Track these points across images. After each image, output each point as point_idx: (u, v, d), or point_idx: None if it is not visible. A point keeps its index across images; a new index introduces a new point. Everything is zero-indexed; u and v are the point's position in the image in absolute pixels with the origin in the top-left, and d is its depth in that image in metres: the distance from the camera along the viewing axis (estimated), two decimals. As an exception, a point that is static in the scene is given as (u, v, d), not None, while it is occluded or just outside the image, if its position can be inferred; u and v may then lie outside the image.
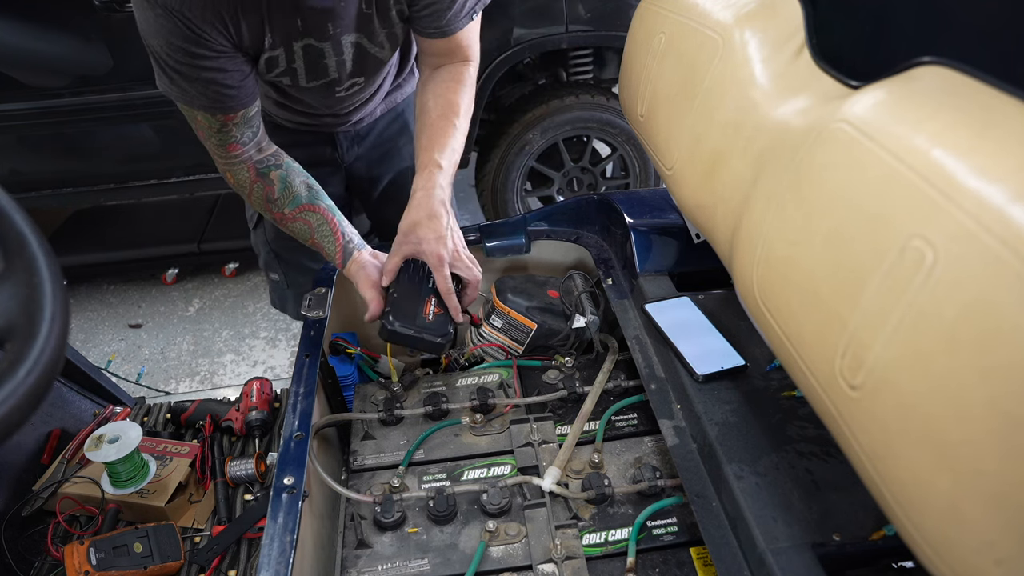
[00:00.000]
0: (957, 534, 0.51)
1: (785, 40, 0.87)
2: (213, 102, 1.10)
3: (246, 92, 1.13)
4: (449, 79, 1.28)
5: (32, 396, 0.57)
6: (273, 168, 1.21)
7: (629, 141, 2.74)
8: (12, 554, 1.15)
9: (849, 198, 0.64)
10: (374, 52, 1.24)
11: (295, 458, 0.99)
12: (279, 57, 1.15)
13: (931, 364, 0.52)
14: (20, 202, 0.63)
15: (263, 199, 1.22)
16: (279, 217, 1.23)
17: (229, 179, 1.22)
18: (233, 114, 1.13)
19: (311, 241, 1.24)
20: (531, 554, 0.96)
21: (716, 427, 0.93)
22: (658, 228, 1.30)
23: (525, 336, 1.29)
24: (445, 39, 1.24)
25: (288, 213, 1.22)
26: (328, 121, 1.46)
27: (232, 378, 2.62)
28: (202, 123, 1.14)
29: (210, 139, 1.16)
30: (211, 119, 1.13)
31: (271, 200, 1.22)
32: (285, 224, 1.24)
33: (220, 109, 1.11)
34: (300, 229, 1.24)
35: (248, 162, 1.19)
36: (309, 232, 1.24)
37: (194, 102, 1.10)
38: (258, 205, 1.24)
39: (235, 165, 1.19)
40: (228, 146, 1.17)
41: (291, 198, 1.22)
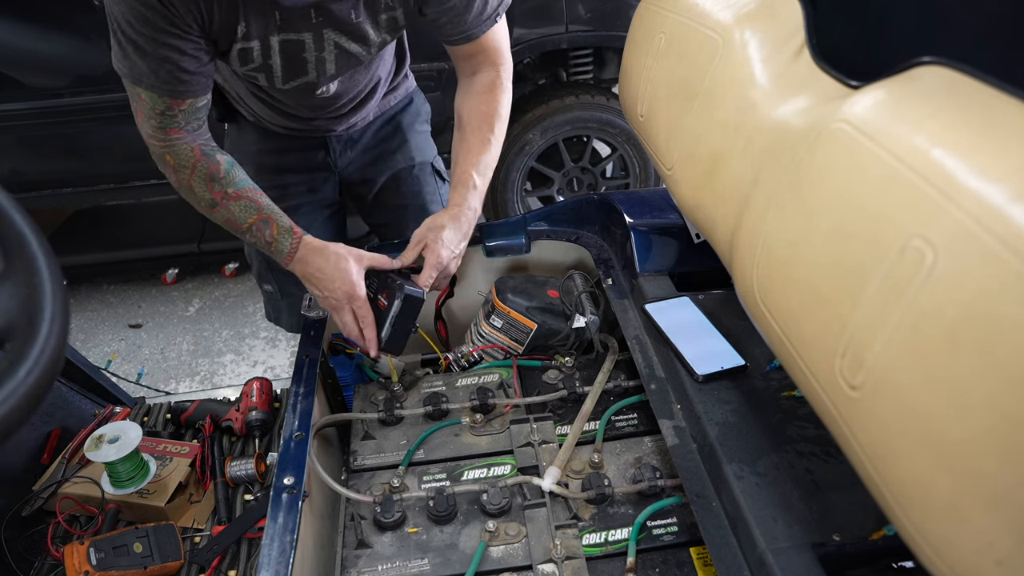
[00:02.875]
0: (957, 534, 0.51)
1: (785, 40, 0.87)
2: (164, 83, 1.05)
3: (200, 81, 1.09)
4: (483, 89, 1.28)
5: (32, 396, 0.57)
6: (218, 152, 1.16)
7: (629, 141, 2.74)
8: (12, 554, 1.14)
9: (849, 198, 0.64)
10: (356, 52, 1.21)
11: (295, 458, 0.99)
12: (253, 50, 1.12)
13: (931, 364, 0.52)
14: (20, 202, 0.63)
15: (206, 177, 1.14)
16: (220, 197, 1.16)
17: (168, 161, 1.14)
18: (181, 100, 1.09)
19: (254, 218, 1.17)
20: (531, 554, 0.96)
21: (716, 427, 0.93)
22: (658, 228, 1.30)
23: (525, 336, 1.29)
24: (470, 44, 1.23)
25: (232, 192, 1.16)
26: (320, 125, 1.45)
27: (232, 378, 2.62)
28: (144, 103, 1.08)
29: (149, 120, 1.10)
30: (156, 100, 1.07)
31: (215, 178, 1.15)
32: (227, 203, 1.16)
33: (169, 92, 1.07)
34: (243, 207, 1.16)
35: (191, 142, 1.13)
36: (256, 208, 1.17)
37: (143, 80, 1.05)
38: (198, 184, 1.15)
39: (175, 144, 1.13)
40: (169, 130, 1.11)
41: (238, 179, 1.17)
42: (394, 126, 1.57)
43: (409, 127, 1.58)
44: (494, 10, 1.21)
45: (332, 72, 1.23)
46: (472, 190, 1.26)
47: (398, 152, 1.58)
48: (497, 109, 1.28)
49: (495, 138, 1.28)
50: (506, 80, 1.30)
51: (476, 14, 1.18)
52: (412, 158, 1.59)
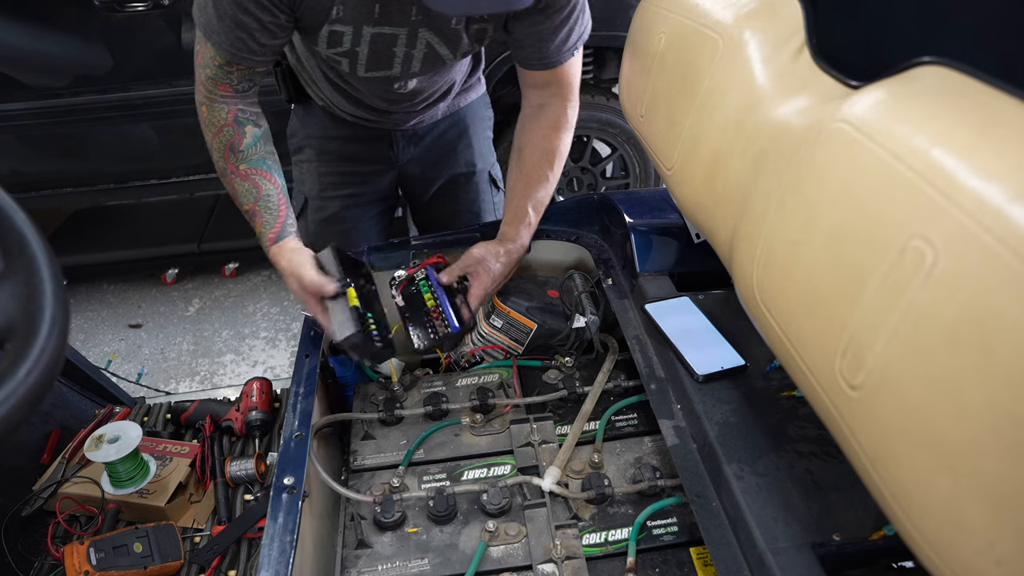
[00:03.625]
0: (957, 534, 0.51)
1: (785, 40, 0.86)
2: (231, 45, 1.08)
3: (265, 54, 1.12)
4: (548, 125, 1.27)
5: (32, 396, 0.57)
6: (251, 123, 1.18)
7: (629, 141, 2.74)
8: (12, 554, 1.14)
9: (849, 198, 0.64)
10: (445, 56, 1.21)
11: (295, 458, 0.99)
12: (344, 34, 1.12)
13: (931, 364, 0.52)
14: (20, 202, 0.63)
15: (227, 145, 1.17)
16: (231, 169, 1.18)
17: (203, 112, 1.17)
18: (240, 67, 1.12)
19: (251, 206, 1.19)
20: (531, 554, 0.96)
21: (716, 427, 0.93)
22: (658, 228, 1.30)
23: (525, 336, 1.29)
24: (547, 72, 1.22)
25: (243, 169, 1.17)
26: (389, 119, 1.44)
27: (232, 378, 2.62)
28: (208, 53, 1.10)
29: (205, 69, 1.12)
30: (218, 55, 1.10)
31: (235, 149, 1.17)
32: (233, 179, 1.19)
33: (232, 56, 1.09)
34: (246, 189, 1.18)
35: (232, 105, 1.16)
36: (254, 195, 1.18)
37: (212, 35, 1.07)
38: (217, 148, 1.18)
39: (217, 102, 1.15)
40: (220, 84, 1.13)
41: (255, 157, 1.18)
42: (460, 129, 1.56)
43: (475, 132, 1.58)
44: (574, 43, 1.20)
45: (416, 70, 1.23)
46: (526, 227, 1.29)
47: (460, 156, 1.58)
48: (559, 147, 1.28)
49: (553, 176, 1.29)
50: (571, 118, 1.29)
51: (559, 43, 1.17)
52: (473, 164, 1.59)
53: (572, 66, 1.23)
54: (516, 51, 1.22)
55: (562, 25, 1.15)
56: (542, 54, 1.19)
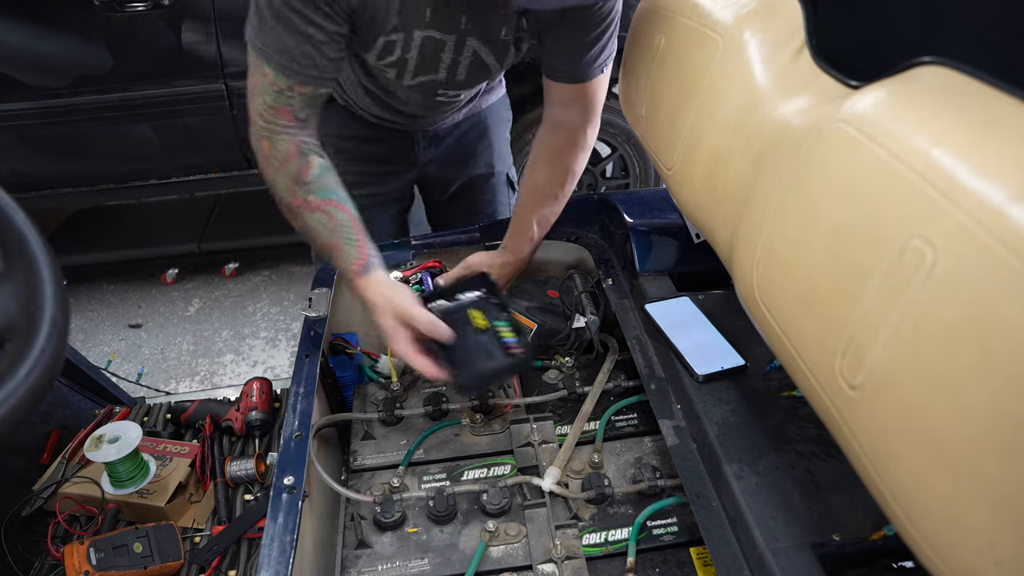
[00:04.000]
0: (957, 534, 0.51)
1: (785, 40, 0.87)
2: (297, 63, 1.02)
3: (331, 70, 1.06)
4: (566, 144, 1.25)
5: (32, 396, 0.57)
6: (314, 153, 1.12)
7: (629, 141, 2.74)
8: (12, 554, 1.14)
9: (849, 198, 0.64)
10: (491, 65, 1.20)
11: (295, 458, 0.99)
12: (397, 43, 1.10)
13: (931, 364, 0.52)
14: (20, 202, 0.63)
15: (293, 177, 1.10)
16: (299, 203, 1.11)
17: (263, 147, 1.10)
18: (304, 86, 1.05)
19: (326, 240, 1.12)
20: (531, 554, 0.96)
21: (716, 427, 0.93)
22: (658, 228, 1.30)
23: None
24: (573, 86, 1.20)
25: (312, 201, 1.11)
26: (416, 122, 1.44)
27: (232, 378, 2.62)
28: (267, 76, 1.03)
29: (263, 96, 1.05)
30: (280, 78, 1.03)
31: (301, 181, 1.10)
32: (304, 212, 1.11)
33: (298, 74, 1.03)
34: (318, 221, 1.11)
35: (293, 135, 1.09)
36: (328, 227, 1.11)
37: (274, 55, 1.01)
38: (282, 183, 1.11)
39: (278, 133, 1.08)
40: (280, 109, 1.06)
41: (324, 188, 1.11)
42: (481, 130, 1.56)
43: (495, 133, 1.58)
44: (604, 60, 1.19)
45: (462, 78, 1.21)
46: (529, 241, 1.29)
47: (481, 157, 1.58)
48: (573, 167, 1.27)
49: (563, 194, 1.29)
50: (590, 139, 1.28)
51: (591, 57, 1.16)
52: (492, 165, 1.59)
53: (599, 84, 1.22)
54: (547, 62, 1.21)
55: (596, 40, 1.14)
56: (571, 67, 1.18)
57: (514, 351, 1.06)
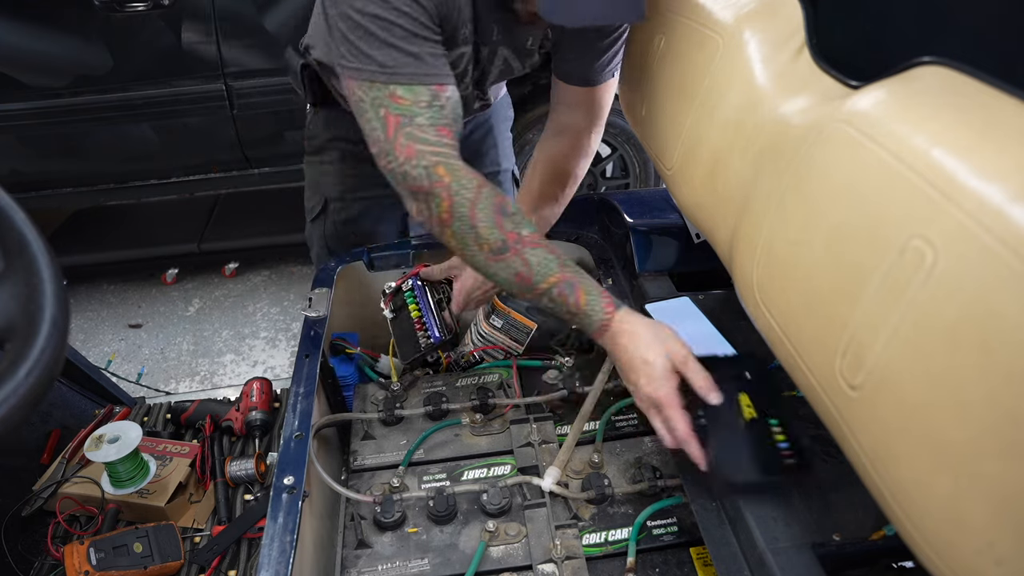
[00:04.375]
0: (957, 534, 0.51)
1: (785, 40, 0.86)
2: (429, 65, 0.92)
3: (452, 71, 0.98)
4: (569, 147, 1.25)
5: (32, 396, 0.57)
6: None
7: (629, 141, 2.74)
8: (12, 554, 1.14)
9: (849, 198, 0.64)
10: (516, 69, 1.21)
11: (295, 458, 0.99)
12: (465, 55, 1.10)
13: (931, 364, 0.52)
14: (20, 202, 0.63)
15: (496, 209, 0.91)
16: (513, 239, 0.90)
17: (439, 174, 0.89)
18: (445, 86, 0.94)
19: (557, 276, 0.91)
20: (531, 554, 0.96)
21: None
22: (658, 228, 1.30)
23: (525, 336, 1.29)
24: (585, 89, 1.21)
25: (527, 236, 0.91)
26: None
27: (232, 378, 2.62)
28: (404, 100, 0.90)
29: (415, 119, 0.90)
30: (420, 91, 0.91)
31: (507, 212, 0.91)
32: (523, 250, 0.91)
33: (435, 76, 0.93)
34: (544, 259, 0.91)
35: (462, 159, 0.94)
36: (557, 262, 0.92)
37: (401, 71, 0.90)
38: (484, 219, 0.90)
39: (449, 157, 0.91)
40: (440, 128, 0.91)
41: (527, 220, 0.94)
42: (487, 129, 1.56)
43: (500, 132, 1.58)
44: (615, 64, 1.20)
45: (493, 76, 1.22)
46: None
47: (487, 156, 1.57)
48: (575, 171, 1.27)
49: (564, 197, 1.28)
50: (594, 144, 1.28)
51: (605, 62, 1.17)
52: (498, 163, 1.59)
53: (608, 88, 1.23)
54: (559, 64, 1.21)
55: (611, 45, 1.15)
56: (584, 70, 1.18)
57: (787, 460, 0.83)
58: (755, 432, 0.83)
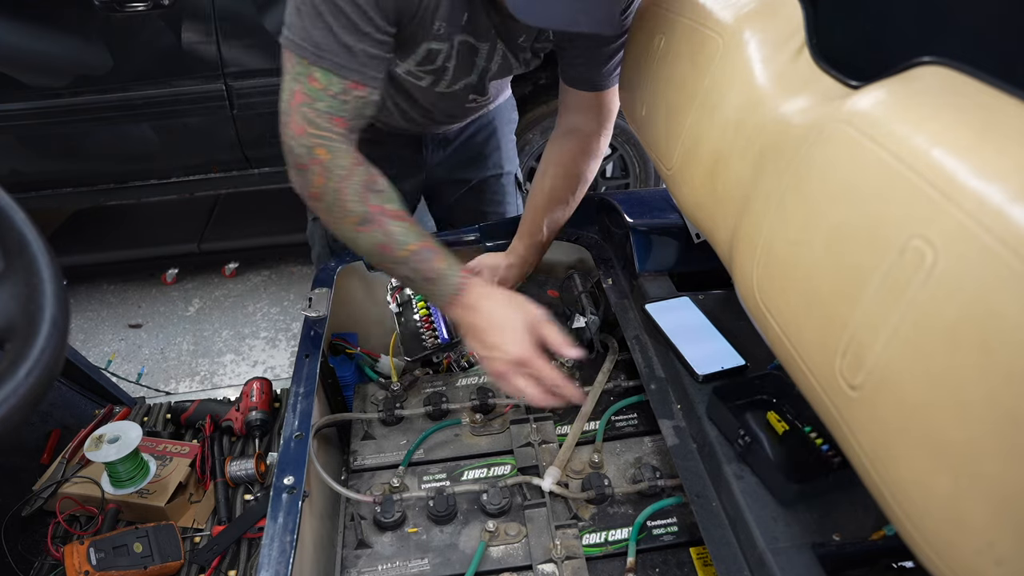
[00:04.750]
0: (957, 535, 0.51)
1: (785, 40, 0.86)
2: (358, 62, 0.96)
3: (380, 75, 1.01)
4: (579, 150, 1.26)
5: (32, 396, 0.57)
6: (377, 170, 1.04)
7: (629, 141, 2.74)
8: (12, 554, 1.15)
9: (849, 198, 0.64)
10: (513, 65, 1.22)
11: (295, 458, 0.99)
12: (440, 52, 1.10)
13: (931, 364, 0.52)
14: (20, 202, 0.63)
15: (364, 184, 1.00)
16: (377, 211, 1.00)
17: (321, 156, 0.98)
18: (361, 86, 0.98)
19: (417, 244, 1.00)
20: (531, 554, 0.96)
21: (716, 427, 0.93)
22: (658, 228, 1.30)
23: (525, 336, 1.29)
24: (593, 94, 1.22)
25: (391, 209, 1.01)
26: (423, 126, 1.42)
27: (232, 378, 2.62)
28: (317, 82, 0.96)
29: (314, 104, 0.97)
30: (333, 80, 0.96)
31: (375, 189, 1.00)
32: (384, 221, 1.01)
33: (357, 74, 0.97)
34: (404, 229, 1.00)
35: (350, 144, 1.01)
36: (416, 232, 1.01)
37: (326, 57, 0.94)
38: (352, 193, 0.99)
39: (333, 141, 0.98)
40: (335, 117, 0.98)
41: (396, 198, 1.03)
42: (489, 131, 1.56)
43: (503, 134, 1.58)
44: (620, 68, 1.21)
45: (493, 72, 1.22)
46: (538, 244, 1.29)
47: (490, 158, 1.57)
48: (585, 173, 1.28)
49: (574, 199, 1.29)
50: (603, 146, 1.28)
51: (612, 67, 1.18)
52: (501, 166, 1.59)
53: (615, 92, 1.24)
54: (566, 70, 1.21)
55: (616, 50, 1.16)
56: (592, 75, 1.19)
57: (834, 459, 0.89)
58: (796, 441, 0.88)
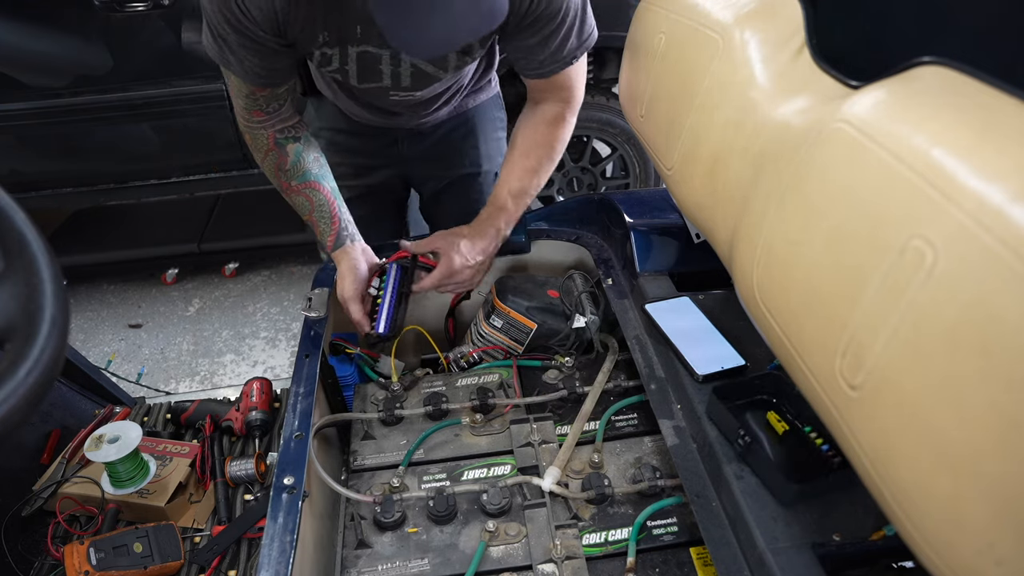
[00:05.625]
0: (957, 535, 0.51)
1: (785, 40, 0.86)
2: (246, 72, 1.13)
3: (280, 75, 1.17)
4: (545, 120, 1.29)
5: (32, 396, 0.56)
6: (291, 140, 1.25)
7: (629, 141, 2.74)
8: (12, 554, 1.14)
9: (849, 198, 0.64)
10: (435, 74, 1.23)
11: (295, 458, 0.99)
12: (333, 56, 1.15)
13: (931, 364, 0.52)
14: (20, 202, 0.63)
15: (275, 167, 1.25)
16: (285, 187, 1.27)
17: (247, 139, 1.26)
18: (262, 88, 1.16)
19: (308, 217, 1.28)
20: (531, 554, 0.96)
21: (716, 427, 0.93)
22: (658, 228, 1.30)
23: (525, 336, 1.29)
24: (544, 80, 1.24)
25: (294, 185, 1.26)
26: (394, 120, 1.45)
27: (232, 378, 2.62)
28: (234, 84, 1.17)
29: (238, 99, 1.19)
30: (241, 84, 1.16)
31: (282, 169, 1.25)
32: (289, 195, 1.28)
33: (251, 81, 1.14)
34: (301, 203, 1.28)
35: (269, 129, 1.23)
36: (309, 208, 1.27)
37: (230, 67, 1.12)
38: (268, 171, 1.27)
39: (256, 129, 1.23)
40: (252, 111, 1.20)
41: (300, 172, 1.25)
42: (467, 129, 1.56)
43: (483, 133, 1.58)
44: (571, 52, 1.19)
45: (407, 84, 1.25)
46: (501, 211, 1.29)
47: (466, 156, 1.58)
48: (553, 143, 1.29)
49: (543, 169, 1.30)
50: (570, 116, 1.31)
51: (551, 54, 1.18)
52: (479, 165, 1.59)
53: (571, 73, 1.24)
54: (513, 62, 1.25)
55: (552, 37, 1.14)
56: (534, 65, 1.20)
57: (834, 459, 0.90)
58: (796, 441, 0.89)
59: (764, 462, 0.85)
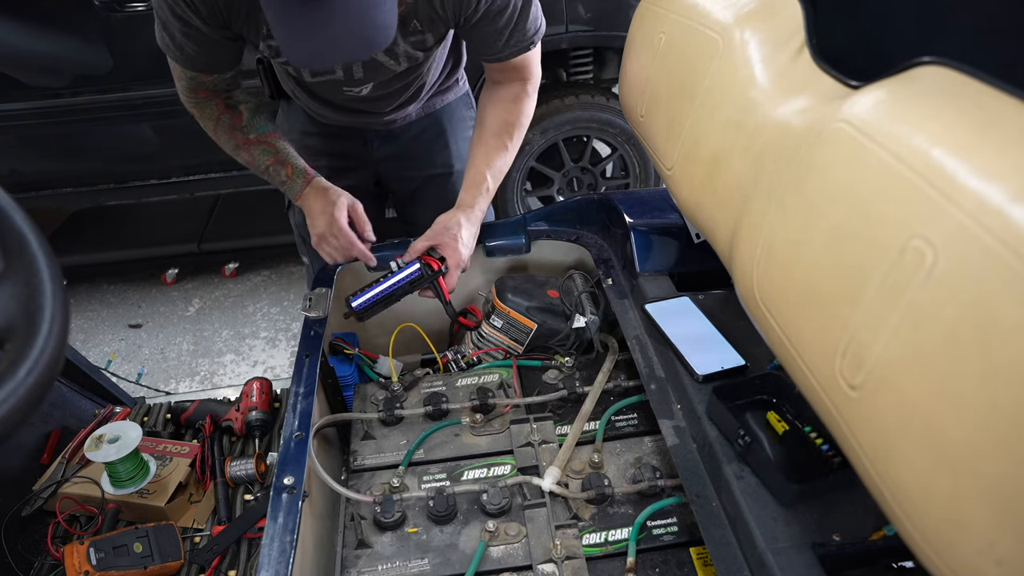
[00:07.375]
0: (957, 535, 0.51)
1: (785, 40, 0.86)
2: (191, 62, 1.19)
3: (225, 62, 1.22)
4: (508, 98, 1.33)
5: (32, 396, 0.56)
6: (242, 102, 1.31)
7: (629, 141, 2.74)
8: (12, 554, 1.14)
9: (849, 198, 0.64)
10: (387, 64, 1.25)
11: (295, 458, 0.99)
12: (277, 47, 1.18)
13: (931, 364, 0.52)
14: (20, 202, 0.63)
15: (229, 128, 1.30)
16: (242, 142, 1.31)
17: (195, 113, 1.30)
18: (207, 74, 1.22)
19: (271, 160, 1.31)
20: (531, 554, 0.96)
21: (716, 427, 0.93)
22: (658, 228, 1.30)
23: (525, 336, 1.29)
24: (499, 63, 1.28)
25: (253, 137, 1.31)
26: (357, 120, 1.47)
27: (232, 378, 2.62)
28: (175, 68, 1.23)
29: (180, 81, 1.25)
30: (184, 70, 1.22)
31: (238, 127, 1.30)
32: (249, 148, 1.32)
33: (192, 68, 1.20)
34: (262, 151, 1.32)
35: (217, 98, 1.28)
36: (272, 152, 1.32)
37: (172, 52, 1.18)
38: (221, 134, 1.31)
39: (203, 103, 1.28)
40: (197, 91, 1.26)
41: (257, 126, 1.32)
42: (437, 130, 1.57)
43: (452, 133, 1.58)
44: (529, 39, 1.24)
45: (360, 76, 1.27)
46: (484, 192, 1.32)
47: (436, 157, 1.58)
48: (519, 119, 1.33)
49: (512, 145, 1.34)
50: (531, 91, 1.35)
51: (506, 41, 1.23)
52: (450, 165, 1.59)
53: (527, 56, 1.28)
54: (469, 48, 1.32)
55: (504, 28, 1.20)
56: (489, 51, 1.25)
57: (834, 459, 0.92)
58: (796, 441, 0.89)
59: (764, 462, 0.85)
